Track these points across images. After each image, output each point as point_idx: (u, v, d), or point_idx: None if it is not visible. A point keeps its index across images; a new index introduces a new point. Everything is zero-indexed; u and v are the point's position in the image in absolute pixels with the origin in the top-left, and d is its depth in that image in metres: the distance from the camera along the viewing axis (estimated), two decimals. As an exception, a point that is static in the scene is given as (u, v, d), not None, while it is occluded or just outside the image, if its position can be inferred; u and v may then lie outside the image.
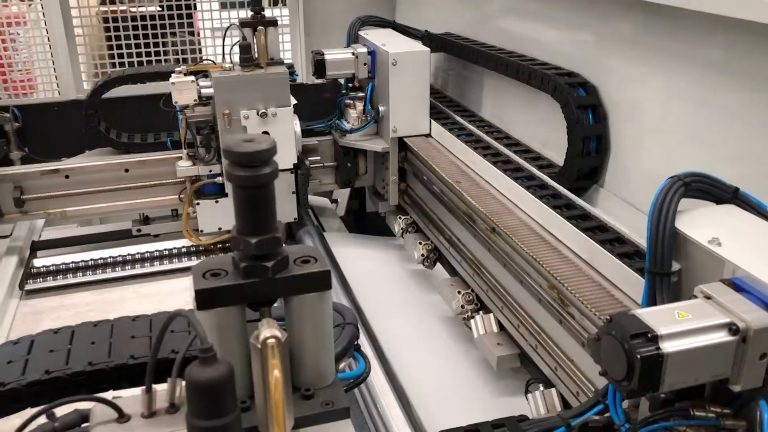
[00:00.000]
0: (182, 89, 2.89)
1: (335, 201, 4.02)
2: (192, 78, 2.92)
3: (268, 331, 0.86)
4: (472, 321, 2.57)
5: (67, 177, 3.09)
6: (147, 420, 1.00)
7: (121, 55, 3.88)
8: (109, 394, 1.20)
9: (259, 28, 2.93)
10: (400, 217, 3.27)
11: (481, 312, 2.59)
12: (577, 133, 2.51)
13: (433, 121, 3.18)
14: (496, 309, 2.49)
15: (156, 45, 3.92)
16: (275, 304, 1.01)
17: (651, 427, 1.38)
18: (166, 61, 3.98)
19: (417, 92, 3.11)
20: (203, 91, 2.93)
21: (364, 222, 3.96)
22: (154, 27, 3.90)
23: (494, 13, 3.35)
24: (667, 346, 1.22)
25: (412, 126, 3.16)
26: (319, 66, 3.19)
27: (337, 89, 3.62)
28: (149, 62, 3.96)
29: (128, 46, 3.84)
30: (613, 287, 1.98)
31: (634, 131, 2.46)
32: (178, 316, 0.91)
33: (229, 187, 3.08)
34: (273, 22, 3.01)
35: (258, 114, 2.94)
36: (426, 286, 3.09)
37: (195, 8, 4.20)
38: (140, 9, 3.92)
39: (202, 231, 3.15)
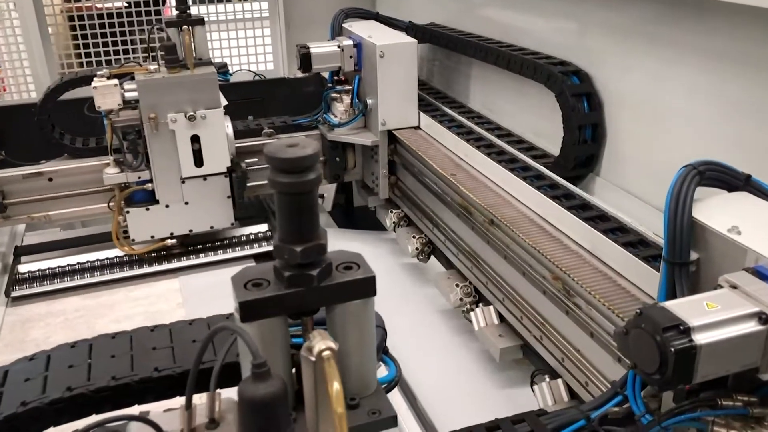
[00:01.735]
0: (105, 93, 2.75)
1: (321, 196, 3.98)
2: (115, 81, 2.79)
3: (323, 343, 0.83)
4: (472, 313, 2.56)
5: (50, 180, 3.01)
6: (187, 437, 0.96)
7: (88, 54, 3.79)
8: (134, 409, 1.16)
9: (185, 27, 2.85)
10: (391, 211, 3.24)
11: (480, 304, 2.58)
12: (572, 121, 2.51)
13: (421, 113, 3.15)
14: (497, 301, 2.48)
15: (124, 43, 3.84)
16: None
17: (678, 418, 1.37)
18: (135, 58, 3.90)
19: (405, 84, 3.07)
20: (127, 94, 2.81)
21: (351, 217, 3.92)
22: (122, 24, 3.81)
23: (479, 3, 3.33)
24: (700, 338, 1.21)
25: (401, 118, 3.13)
26: (305, 60, 3.13)
27: (320, 83, 3.58)
28: (117, 60, 3.88)
29: (95, 45, 3.75)
30: (618, 277, 1.98)
31: (629, 119, 2.47)
32: (222, 331, 0.87)
33: (163, 194, 3.01)
34: (200, 21, 2.92)
35: (186, 117, 2.85)
36: (421, 279, 3.07)
37: (164, 3, 4.12)
38: (106, 5, 3.83)
39: (133, 240, 3.05)
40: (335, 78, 3.31)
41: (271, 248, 3.18)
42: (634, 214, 2.26)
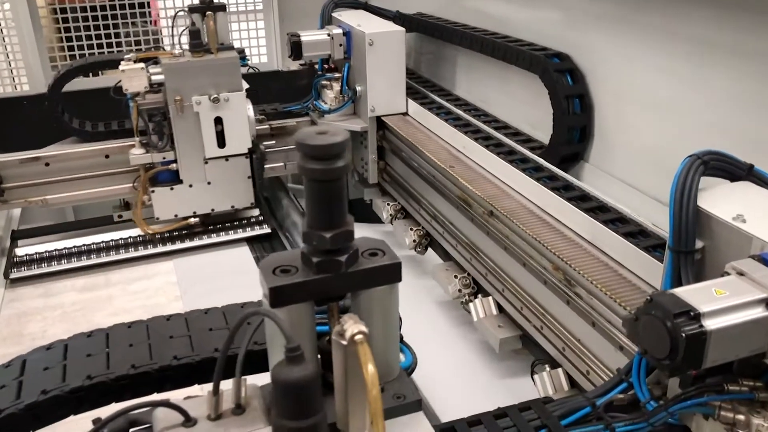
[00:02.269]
0: (132, 77, 2.86)
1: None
2: (142, 65, 2.89)
3: (355, 327, 0.84)
4: (471, 304, 2.58)
5: (47, 165, 3.05)
6: (214, 423, 0.97)
7: (71, 48, 3.77)
8: (152, 397, 1.17)
9: (208, 13, 2.91)
10: (388, 204, 3.26)
11: (479, 295, 2.60)
12: (559, 94, 2.56)
13: (409, 100, 3.22)
14: (496, 292, 2.50)
15: (108, 36, 3.83)
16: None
17: (685, 403, 1.40)
18: (119, 51, 3.89)
19: (393, 71, 3.14)
20: (154, 77, 2.90)
21: (346, 209, 3.94)
22: (105, 18, 3.80)
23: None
24: (710, 324, 1.23)
25: (389, 105, 3.20)
26: (296, 47, 3.19)
27: (313, 75, 3.60)
28: (102, 53, 3.86)
29: (79, 38, 3.74)
30: (619, 266, 2.00)
31: (618, 106, 2.51)
32: (254, 315, 0.88)
33: (187, 174, 3.10)
34: (222, 7, 3.04)
35: (210, 99, 2.93)
36: (418, 271, 3.09)
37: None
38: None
39: (158, 219, 3.15)
40: (325, 66, 3.37)
41: (263, 232, 3.24)
42: (623, 199, 2.30)
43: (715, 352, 1.25)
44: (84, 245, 3.12)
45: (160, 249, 3.17)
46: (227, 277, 2.96)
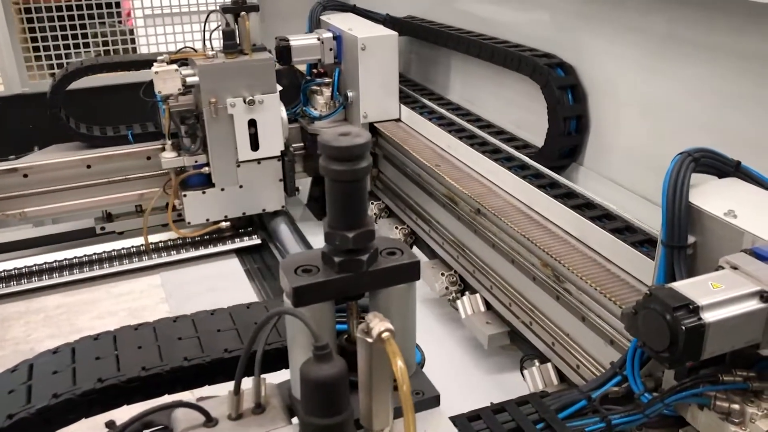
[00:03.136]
0: (166, 78, 2.80)
1: (297, 189, 3.97)
2: (175, 66, 2.83)
3: (381, 324, 0.85)
4: (458, 302, 2.61)
5: (25, 176, 2.95)
6: (235, 422, 0.98)
7: (37, 49, 3.72)
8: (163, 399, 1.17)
9: (242, 13, 2.87)
10: (372, 203, 3.27)
11: (467, 292, 2.62)
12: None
13: (402, 106, 3.19)
14: (483, 289, 2.53)
15: (76, 37, 3.78)
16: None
17: (681, 394, 1.44)
18: (88, 53, 3.85)
19: (386, 77, 3.11)
20: (188, 79, 2.85)
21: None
22: (72, 18, 3.75)
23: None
24: (708, 316, 1.27)
25: (382, 111, 3.16)
26: (285, 52, 3.13)
27: (294, 76, 3.57)
28: (78, 54, 3.81)
29: (45, 38, 3.69)
30: (607, 262, 2.04)
31: (612, 109, 2.54)
32: (280, 314, 0.89)
33: (219, 177, 3.05)
34: (255, 7, 2.95)
35: (245, 101, 2.90)
36: (403, 269, 3.10)
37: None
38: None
39: (189, 223, 3.09)
40: (313, 71, 3.31)
41: (252, 243, 3.18)
42: (614, 199, 2.34)
43: (713, 344, 1.29)
44: (65, 259, 3.02)
45: (146, 263, 3.09)
46: (218, 288, 2.93)
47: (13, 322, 2.74)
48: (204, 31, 2.88)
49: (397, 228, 3.07)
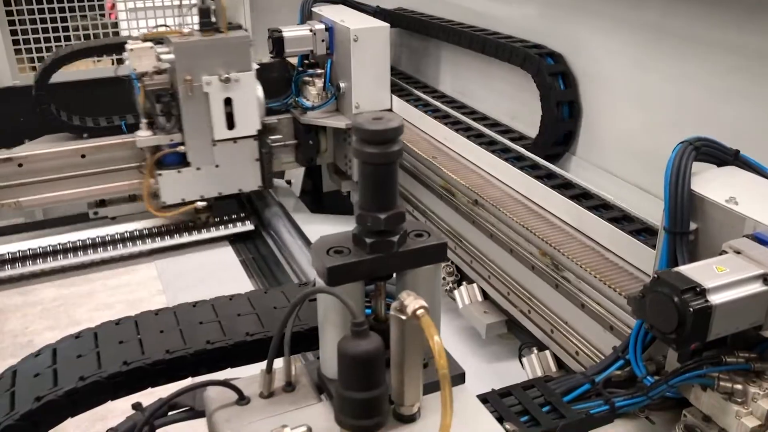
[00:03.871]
0: (141, 55, 2.79)
1: (288, 182, 3.99)
2: (150, 44, 2.82)
3: (416, 302, 0.88)
4: (455, 291, 2.64)
5: (20, 165, 2.93)
6: (267, 400, 1.00)
7: (17, 42, 3.68)
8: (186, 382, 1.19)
9: None
10: (366, 195, 3.29)
11: (464, 282, 2.66)
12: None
13: (394, 97, 3.22)
14: (481, 279, 2.56)
15: (56, 30, 3.75)
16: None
17: (685, 376, 1.48)
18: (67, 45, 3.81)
19: (378, 68, 3.12)
20: (163, 57, 2.84)
21: (321, 201, 3.95)
22: (53, 11, 3.72)
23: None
24: (715, 299, 1.31)
25: (374, 101, 3.17)
26: (278, 44, 3.13)
27: (284, 68, 3.58)
28: (58, 45, 3.77)
29: (25, 32, 3.66)
30: (605, 250, 2.09)
31: (603, 98, 2.59)
32: (316, 293, 0.91)
33: (195, 157, 3.04)
34: None
35: (220, 79, 2.89)
36: (398, 260, 3.13)
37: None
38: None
39: (164, 203, 3.07)
40: (305, 62, 3.32)
41: (245, 229, 3.19)
42: (610, 189, 2.38)
43: (719, 325, 1.33)
44: (60, 244, 3.02)
45: (141, 247, 3.10)
46: (213, 280, 2.94)
47: (10, 315, 2.74)
48: (181, 7, 2.88)
49: (392, 219, 3.09)
